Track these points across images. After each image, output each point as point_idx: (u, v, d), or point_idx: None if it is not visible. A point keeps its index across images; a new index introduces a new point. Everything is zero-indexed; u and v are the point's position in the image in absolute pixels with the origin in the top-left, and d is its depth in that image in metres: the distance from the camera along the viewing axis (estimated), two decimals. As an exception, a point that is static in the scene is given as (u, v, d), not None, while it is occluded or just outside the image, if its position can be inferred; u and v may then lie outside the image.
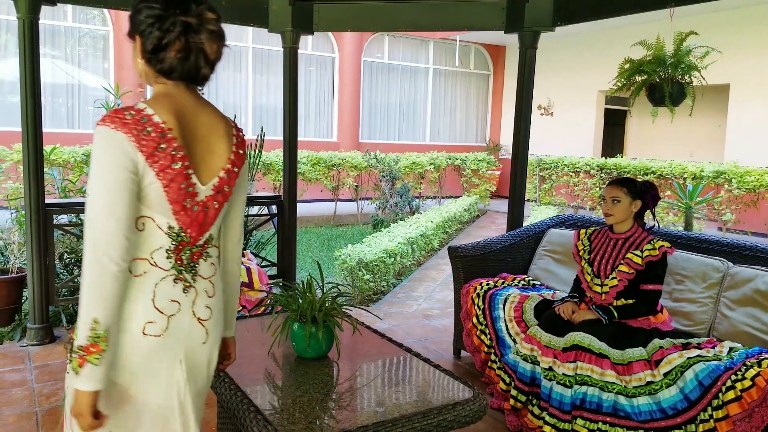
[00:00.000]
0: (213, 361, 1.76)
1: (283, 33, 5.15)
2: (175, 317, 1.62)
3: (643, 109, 11.37)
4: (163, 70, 1.60)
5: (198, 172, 1.63)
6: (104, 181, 1.48)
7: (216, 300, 1.73)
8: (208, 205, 1.65)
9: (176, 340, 1.63)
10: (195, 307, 1.66)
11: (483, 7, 4.91)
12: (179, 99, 1.63)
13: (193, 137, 1.63)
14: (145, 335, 1.57)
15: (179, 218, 1.61)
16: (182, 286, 1.64)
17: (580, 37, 14.39)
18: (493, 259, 4.34)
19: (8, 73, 11.20)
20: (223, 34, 1.63)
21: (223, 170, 1.68)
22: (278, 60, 13.22)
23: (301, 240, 9.35)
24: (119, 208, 1.47)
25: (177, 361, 1.65)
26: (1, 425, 3.18)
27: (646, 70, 3.96)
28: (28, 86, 4.13)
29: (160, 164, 1.52)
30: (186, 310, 1.64)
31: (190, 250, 1.65)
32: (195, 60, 1.59)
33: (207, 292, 1.69)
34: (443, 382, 2.37)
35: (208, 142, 1.66)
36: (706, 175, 10.28)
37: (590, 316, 3.22)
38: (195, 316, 1.66)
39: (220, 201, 1.68)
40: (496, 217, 12.37)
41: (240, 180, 1.76)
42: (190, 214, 1.62)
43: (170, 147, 1.54)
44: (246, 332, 2.92)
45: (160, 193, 1.55)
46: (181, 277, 1.64)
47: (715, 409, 2.63)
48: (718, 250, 3.60)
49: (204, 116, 1.67)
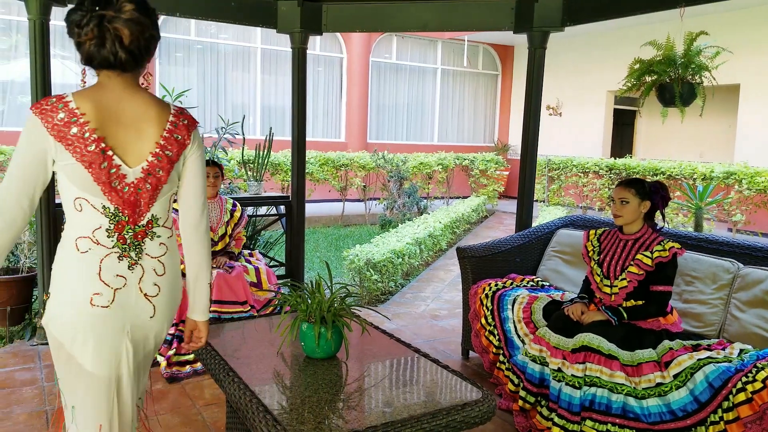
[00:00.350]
0: (160, 336, 1.92)
1: (292, 33, 5.16)
2: (121, 291, 1.78)
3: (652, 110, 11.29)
4: (86, 61, 1.75)
5: (124, 155, 1.76)
6: (18, 152, 1.70)
7: (166, 279, 1.87)
8: (140, 187, 1.79)
9: (123, 312, 1.79)
10: (142, 283, 1.82)
11: (492, 7, 4.90)
12: (107, 88, 1.77)
13: (117, 122, 1.76)
14: (93, 305, 1.74)
15: (111, 198, 1.75)
16: (128, 263, 1.79)
17: (589, 37, 14.34)
18: (501, 260, 4.34)
19: (19, 74, 11.27)
20: (141, 21, 1.72)
21: (152, 154, 1.80)
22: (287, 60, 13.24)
23: (309, 240, 9.36)
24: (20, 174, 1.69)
25: (124, 332, 1.80)
26: (11, 423, 3.20)
27: (656, 70, 3.94)
28: (39, 87, 4.16)
29: (74, 146, 1.69)
30: (132, 286, 1.80)
31: (133, 230, 1.80)
32: (110, 46, 1.70)
33: (156, 271, 1.84)
34: (452, 382, 2.37)
35: (136, 127, 1.79)
36: (716, 176, 10.22)
37: (599, 317, 3.20)
38: (141, 291, 1.82)
39: (153, 183, 1.81)
40: (504, 218, 12.35)
41: (183, 165, 1.89)
42: (121, 194, 1.76)
43: (82, 130, 1.70)
44: (255, 332, 2.93)
45: (85, 174, 1.71)
46: (126, 254, 1.79)
47: (726, 411, 2.62)
48: (729, 251, 3.58)
49: (132, 103, 1.80)
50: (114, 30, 1.69)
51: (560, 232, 4.55)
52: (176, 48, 12.86)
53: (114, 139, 1.75)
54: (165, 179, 1.83)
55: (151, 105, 1.83)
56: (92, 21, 1.69)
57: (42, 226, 4.27)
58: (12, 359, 4.08)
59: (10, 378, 3.77)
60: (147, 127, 1.80)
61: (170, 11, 4.85)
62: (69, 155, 1.69)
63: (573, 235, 4.42)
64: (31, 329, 4.53)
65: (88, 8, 1.70)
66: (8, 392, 3.57)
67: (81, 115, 1.71)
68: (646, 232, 3.30)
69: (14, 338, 4.49)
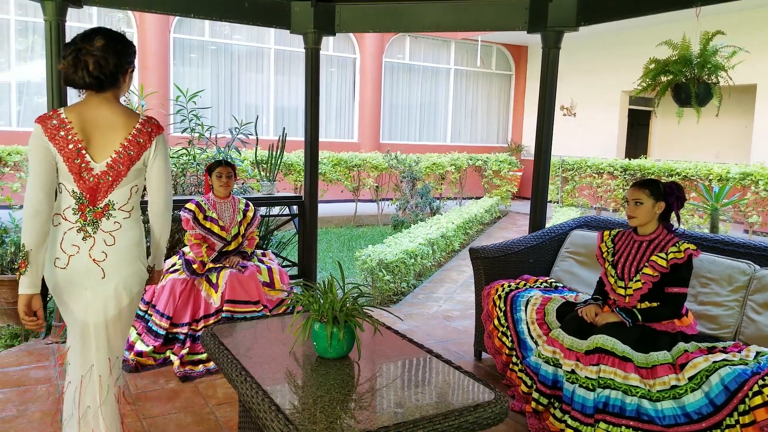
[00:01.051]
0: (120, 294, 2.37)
1: (305, 34, 5.17)
2: (74, 257, 2.31)
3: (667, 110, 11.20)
4: (66, 82, 2.30)
5: (93, 153, 2.31)
6: (31, 157, 2.26)
7: (114, 248, 2.35)
8: (102, 178, 2.31)
9: (77, 274, 2.32)
10: (92, 251, 2.33)
11: (505, 7, 4.88)
12: (88, 104, 2.34)
13: (94, 128, 2.32)
14: (56, 267, 2.32)
15: (79, 185, 2.30)
16: (83, 235, 2.32)
17: (604, 37, 14.26)
18: (514, 261, 4.31)
19: (35, 75, 11.39)
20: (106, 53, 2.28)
21: (115, 152, 2.32)
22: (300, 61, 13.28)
23: (322, 240, 9.38)
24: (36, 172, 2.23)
25: (83, 288, 2.34)
26: (26, 421, 3.23)
27: (672, 70, 3.91)
28: (55, 87, 4.20)
29: (59, 145, 2.25)
30: (83, 253, 2.32)
31: (93, 211, 2.33)
32: (80, 72, 2.25)
33: (105, 241, 2.34)
34: (464, 383, 2.36)
35: (104, 132, 2.32)
36: (732, 177, 10.12)
37: (613, 319, 3.18)
38: (91, 257, 2.32)
39: (113, 176, 2.32)
40: (517, 219, 12.30)
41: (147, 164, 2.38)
42: (87, 182, 2.30)
43: (68, 134, 2.27)
44: (267, 332, 2.93)
45: (64, 166, 2.27)
46: (84, 229, 2.33)
47: (742, 414, 2.59)
48: (745, 253, 3.54)
49: (104, 114, 2.34)
50: (84, 60, 2.25)
51: (574, 233, 4.52)
52: (190, 49, 12.93)
53: (88, 141, 2.30)
54: (125, 173, 2.33)
55: (120, 115, 2.35)
56: (72, 53, 2.25)
57: (57, 225, 4.30)
58: (27, 357, 4.11)
59: (25, 376, 3.80)
60: (114, 133, 2.33)
61: (184, 12, 4.87)
62: (57, 151, 2.25)
63: (587, 236, 4.39)
64: (46, 328, 4.56)
65: (74, 43, 2.27)
66: (23, 390, 3.60)
67: (68, 122, 2.27)
68: (661, 234, 3.27)
69: (29, 336, 4.53)
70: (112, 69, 2.30)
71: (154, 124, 2.40)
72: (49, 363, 4.02)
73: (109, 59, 2.29)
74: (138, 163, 2.35)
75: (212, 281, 4.23)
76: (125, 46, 2.37)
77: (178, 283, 4.19)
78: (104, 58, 2.27)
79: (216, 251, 4.38)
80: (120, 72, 2.34)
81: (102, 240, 2.33)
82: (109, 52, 2.30)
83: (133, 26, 12.24)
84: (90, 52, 2.25)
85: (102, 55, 2.27)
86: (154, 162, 2.38)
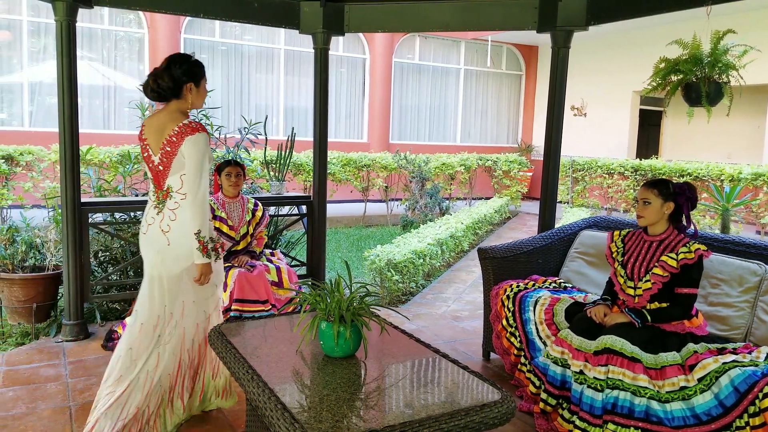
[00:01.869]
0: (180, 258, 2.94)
1: (314, 34, 5.18)
2: (151, 226, 2.99)
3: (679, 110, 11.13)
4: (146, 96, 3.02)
5: (153, 149, 2.97)
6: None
7: (175, 223, 2.93)
8: (159, 167, 2.95)
9: (152, 239, 2.99)
10: (161, 223, 2.95)
11: (515, 7, 4.87)
12: (157, 111, 3.03)
13: (152, 129, 2.98)
14: (141, 234, 3.06)
15: (150, 173, 3.02)
16: (157, 211, 2.99)
17: (615, 37, 14.19)
18: (523, 261, 4.30)
19: (47, 75, 11.48)
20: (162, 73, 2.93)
21: (160, 149, 2.94)
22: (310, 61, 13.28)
23: (331, 240, 9.39)
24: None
25: (154, 250, 2.98)
26: (36, 419, 3.25)
27: (682, 69, 3.89)
28: (65, 87, 4.23)
29: (141, 146, 3.04)
30: (156, 224, 2.97)
31: (160, 193, 2.98)
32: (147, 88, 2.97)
33: (169, 217, 2.94)
34: (471, 383, 2.35)
35: (156, 133, 2.95)
36: (744, 177, 10.04)
37: (622, 320, 3.16)
38: (160, 228, 2.95)
39: (164, 166, 2.94)
40: (527, 219, 12.26)
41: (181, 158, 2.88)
42: (152, 170, 3.00)
43: (141, 133, 3.04)
44: (275, 331, 2.94)
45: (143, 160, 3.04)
46: (158, 207, 2.99)
47: (752, 416, 2.56)
48: (756, 254, 3.50)
49: (159, 119, 2.96)
50: (149, 79, 2.95)
51: (583, 233, 4.50)
52: (201, 49, 12.99)
53: (150, 140, 2.98)
54: (169, 165, 2.92)
55: (170, 120, 2.91)
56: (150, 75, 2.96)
57: (67, 224, 4.33)
58: (37, 355, 4.14)
59: (35, 374, 3.83)
60: (162, 133, 2.92)
61: (193, 12, 4.90)
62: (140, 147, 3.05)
63: (596, 237, 4.37)
64: (56, 326, 4.60)
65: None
66: (33, 388, 3.62)
67: (143, 126, 3.03)
68: (671, 234, 3.25)
69: (40, 335, 4.56)
70: (168, 85, 2.91)
71: (190, 127, 2.88)
72: (59, 361, 4.05)
73: (165, 77, 2.91)
74: (177, 157, 2.89)
75: (221, 280, 4.24)
76: (181, 65, 2.93)
77: (187, 282, 4.20)
78: (161, 76, 2.92)
79: (225, 250, 4.39)
80: (177, 87, 2.93)
81: (167, 216, 2.94)
82: (166, 71, 2.92)
83: (144, 27, 12.31)
84: (154, 73, 2.93)
85: (160, 74, 2.92)
86: (185, 158, 2.88)
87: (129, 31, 12.38)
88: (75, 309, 4.43)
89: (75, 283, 4.41)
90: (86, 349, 4.29)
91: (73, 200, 4.34)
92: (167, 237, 2.92)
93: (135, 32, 12.39)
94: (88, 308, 4.83)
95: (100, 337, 4.46)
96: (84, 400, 3.49)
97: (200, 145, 2.88)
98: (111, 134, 11.84)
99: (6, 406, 3.38)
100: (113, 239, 5.08)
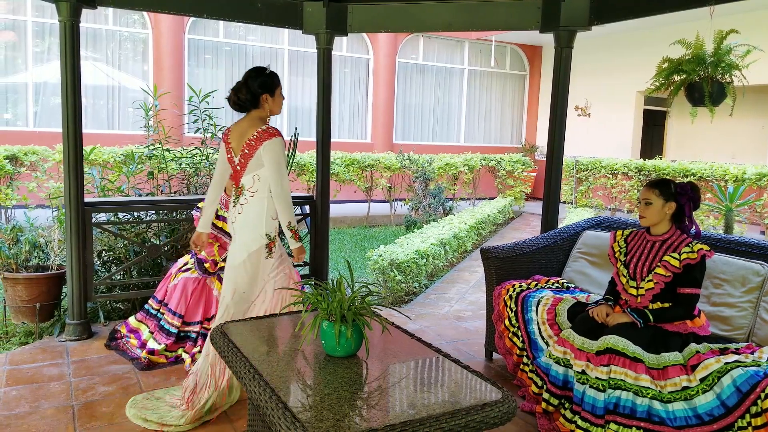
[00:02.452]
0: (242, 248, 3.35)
1: (318, 34, 5.18)
2: (228, 218, 3.51)
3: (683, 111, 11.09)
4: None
5: (235, 151, 3.37)
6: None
7: (243, 216, 3.34)
8: (237, 168, 3.37)
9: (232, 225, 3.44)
10: (235, 216, 3.39)
11: (518, 7, 4.87)
12: (241, 119, 3.41)
13: (234, 134, 3.38)
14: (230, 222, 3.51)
15: (231, 173, 3.47)
16: (233, 205, 3.41)
17: (619, 37, 14.16)
18: (526, 261, 4.30)
19: (51, 76, 11.51)
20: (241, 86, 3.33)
21: (240, 152, 3.33)
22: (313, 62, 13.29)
23: (334, 240, 9.39)
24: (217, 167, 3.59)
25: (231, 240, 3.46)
26: (39, 418, 3.26)
27: (685, 69, 3.88)
28: (69, 88, 4.24)
29: (225, 148, 3.44)
30: (232, 216, 3.41)
31: (236, 190, 3.40)
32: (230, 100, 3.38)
33: (238, 211, 3.36)
34: (472, 383, 2.35)
35: (238, 137, 3.36)
36: (748, 178, 10.01)
37: (625, 320, 3.16)
38: (232, 220, 3.41)
39: (242, 167, 3.34)
40: (531, 219, 12.24)
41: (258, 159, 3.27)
42: (234, 170, 3.41)
43: (226, 138, 3.44)
44: (277, 330, 2.94)
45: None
46: (234, 202, 3.41)
47: (754, 416, 2.56)
48: (759, 254, 3.50)
49: (242, 126, 3.37)
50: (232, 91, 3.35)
51: (586, 233, 4.49)
52: (205, 50, 13.02)
53: (234, 143, 3.37)
54: (245, 165, 3.31)
55: (250, 127, 3.31)
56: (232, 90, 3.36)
57: (71, 224, 4.35)
58: (41, 355, 4.16)
59: (39, 373, 3.84)
60: (242, 138, 3.31)
61: (197, 13, 4.91)
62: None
63: (599, 237, 4.36)
64: (60, 326, 4.61)
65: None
66: (36, 387, 3.64)
67: (228, 132, 3.43)
68: (674, 234, 3.25)
69: (43, 334, 4.58)
70: (247, 97, 3.31)
71: (268, 132, 3.26)
72: (62, 361, 4.06)
73: (243, 90, 3.31)
74: (253, 159, 3.27)
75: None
76: (256, 78, 3.30)
77: (190, 281, 4.22)
78: (240, 90, 3.31)
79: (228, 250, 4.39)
80: (255, 98, 3.31)
81: (237, 210, 3.36)
82: (244, 85, 3.31)
83: (148, 27, 12.34)
84: (235, 87, 3.34)
85: (239, 88, 3.32)
86: (264, 160, 3.26)
87: (133, 32, 12.41)
88: (78, 308, 4.45)
89: (78, 282, 4.42)
90: (89, 348, 4.30)
91: (77, 200, 4.36)
92: (234, 228, 3.40)
93: (139, 33, 12.42)
94: (92, 308, 4.84)
95: (104, 337, 4.47)
96: (87, 399, 3.50)
97: (277, 148, 3.27)
98: (115, 134, 11.88)
99: (9, 405, 3.40)
100: (117, 239, 5.10)
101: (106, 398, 3.52)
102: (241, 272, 3.36)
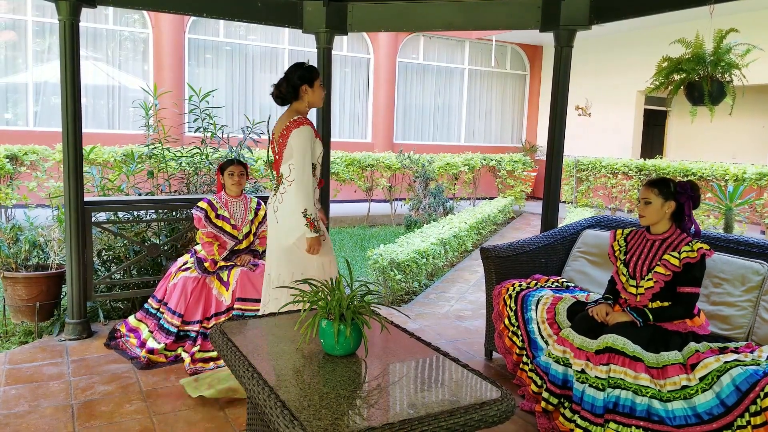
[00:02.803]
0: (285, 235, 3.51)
1: (318, 34, 5.18)
2: (270, 206, 3.64)
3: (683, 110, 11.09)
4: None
5: (275, 143, 3.55)
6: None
7: (283, 204, 3.52)
8: (275, 157, 3.57)
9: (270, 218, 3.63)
10: (274, 204, 3.58)
11: (518, 6, 4.87)
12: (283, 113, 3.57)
13: (277, 128, 3.55)
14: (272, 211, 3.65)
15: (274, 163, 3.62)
16: (274, 192, 3.60)
17: (619, 37, 14.16)
18: (526, 260, 4.30)
19: (51, 75, 11.51)
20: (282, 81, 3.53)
21: (277, 142, 3.53)
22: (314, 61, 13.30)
23: (335, 240, 9.39)
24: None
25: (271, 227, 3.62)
26: (38, 417, 3.26)
27: (685, 68, 3.87)
28: (69, 87, 4.24)
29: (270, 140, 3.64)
30: (272, 204, 3.60)
31: (276, 179, 3.60)
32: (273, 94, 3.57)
33: (278, 200, 3.54)
34: (471, 381, 2.35)
35: (278, 129, 3.53)
36: (749, 177, 10.00)
37: (624, 319, 3.15)
38: (273, 209, 3.58)
39: (278, 156, 3.54)
40: (531, 219, 12.24)
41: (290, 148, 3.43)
42: (275, 161, 3.58)
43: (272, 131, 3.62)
44: (276, 329, 2.94)
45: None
46: (274, 191, 3.60)
47: (753, 415, 2.56)
48: (759, 253, 3.50)
49: (282, 118, 3.55)
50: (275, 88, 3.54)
51: (586, 232, 4.49)
52: (205, 49, 13.02)
53: (275, 135, 3.55)
54: (281, 155, 3.51)
55: (285, 119, 3.50)
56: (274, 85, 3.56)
57: (71, 223, 4.35)
58: (40, 354, 4.16)
59: (38, 372, 3.85)
60: (280, 128, 3.51)
61: (197, 12, 4.91)
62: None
63: (599, 236, 4.36)
64: (59, 325, 4.61)
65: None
66: (36, 386, 3.64)
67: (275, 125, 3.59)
68: (674, 233, 3.24)
69: (43, 333, 4.58)
70: (288, 89, 3.48)
71: (297, 122, 3.44)
72: (62, 360, 4.06)
73: (284, 84, 3.49)
74: (287, 149, 3.45)
75: (223, 279, 4.25)
76: (296, 71, 3.48)
77: (190, 281, 4.22)
78: (281, 84, 3.50)
79: (227, 249, 4.40)
80: (295, 90, 3.48)
81: (277, 199, 3.54)
82: (284, 79, 3.49)
83: (148, 27, 12.34)
84: (277, 83, 3.53)
85: (280, 83, 3.51)
86: (293, 148, 3.42)
87: (133, 31, 12.41)
88: (78, 308, 4.45)
89: (78, 281, 4.43)
90: (89, 347, 4.30)
91: (77, 199, 4.36)
92: (276, 216, 3.55)
93: (139, 32, 12.41)
94: (91, 307, 4.84)
95: (103, 336, 4.47)
96: (86, 398, 3.50)
97: (303, 135, 3.40)
98: (115, 134, 11.88)
99: (9, 404, 3.40)
100: (116, 238, 5.10)
101: (106, 397, 3.53)
102: (296, 251, 3.49)
